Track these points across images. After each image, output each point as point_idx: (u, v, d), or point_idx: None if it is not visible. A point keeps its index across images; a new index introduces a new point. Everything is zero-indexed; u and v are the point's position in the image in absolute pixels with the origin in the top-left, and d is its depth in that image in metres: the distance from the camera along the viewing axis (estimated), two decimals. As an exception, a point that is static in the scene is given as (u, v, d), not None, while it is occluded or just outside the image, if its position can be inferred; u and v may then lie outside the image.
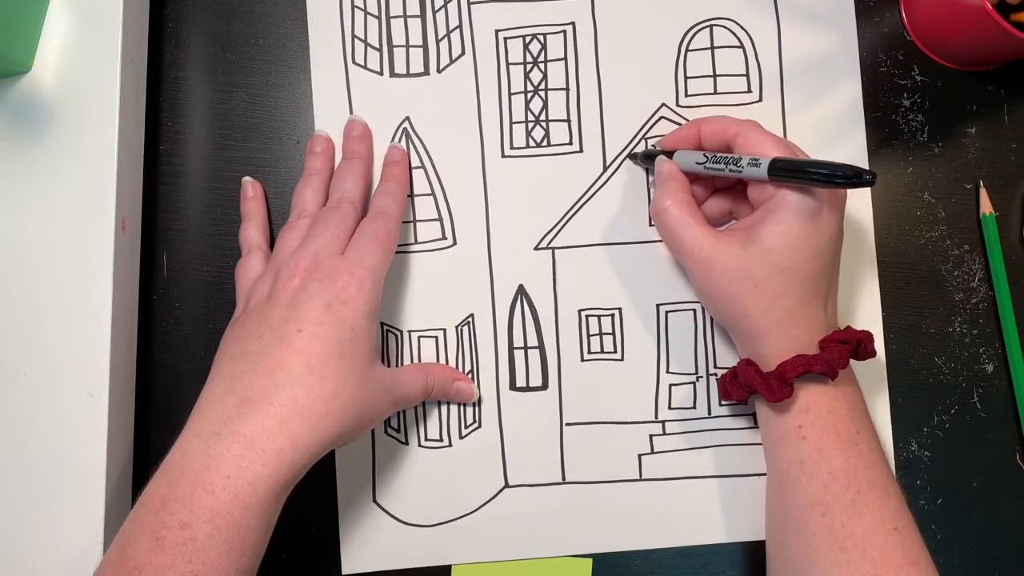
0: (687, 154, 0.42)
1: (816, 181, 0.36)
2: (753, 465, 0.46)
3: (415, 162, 0.47)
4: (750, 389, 0.40)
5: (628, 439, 0.46)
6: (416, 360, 0.46)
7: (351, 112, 0.47)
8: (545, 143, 0.47)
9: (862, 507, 0.37)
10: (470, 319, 0.47)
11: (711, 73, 0.47)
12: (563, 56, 0.47)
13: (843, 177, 0.35)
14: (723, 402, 0.46)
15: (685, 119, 0.47)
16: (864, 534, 0.37)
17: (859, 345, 0.39)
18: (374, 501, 0.46)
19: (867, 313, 0.47)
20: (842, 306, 0.46)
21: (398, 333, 0.46)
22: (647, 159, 0.45)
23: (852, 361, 0.40)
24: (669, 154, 0.43)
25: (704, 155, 0.41)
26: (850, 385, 0.40)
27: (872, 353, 0.40)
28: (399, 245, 0.46)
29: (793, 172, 0.37)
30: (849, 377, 0.41)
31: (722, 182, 0.44)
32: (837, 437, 0.38)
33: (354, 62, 0.47)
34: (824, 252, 0.39)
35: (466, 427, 0.46)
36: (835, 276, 0.41)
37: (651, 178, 0.47)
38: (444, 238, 0.47)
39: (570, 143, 0.47)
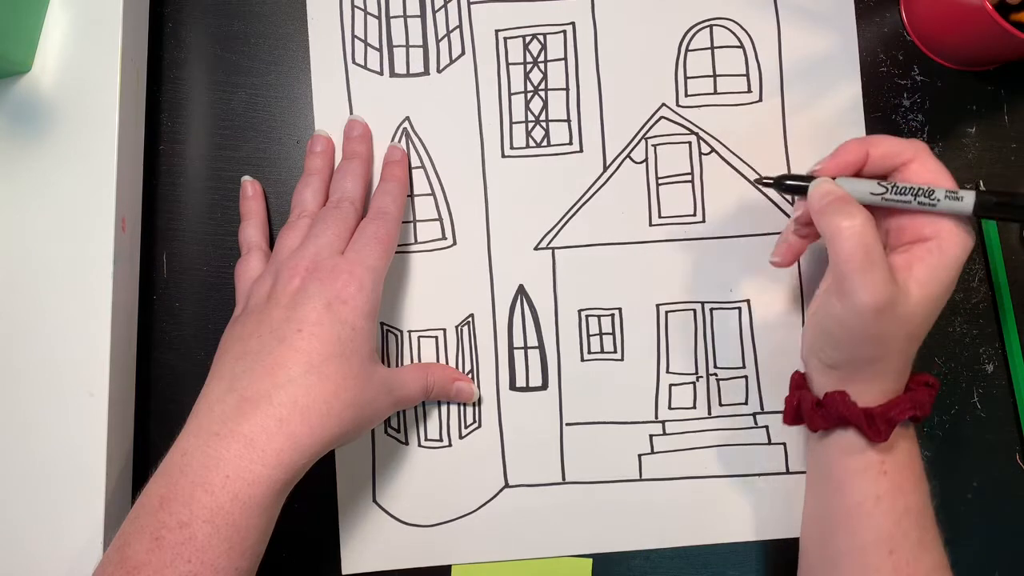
0: (856, 181, 0.37)
1: None
2: (753, 465, 0.46)
3: (415, 162, 0.47)
4: (842, 423, 0.38)
5: (628, 439, 0.46)
6: (416, 360, 0.46)
7: (351, 112, 0.47)
8: (545, 143, 0.47)
9: (927, 545, 0.37)
10: (470, 319, 0.47)
11: (711, 73, 0.47)
12: (563, 56, 0.47)
13: None
14: (785, 425, 0.42)
15: (685, 119, 0.47)
16: (926, 572, 0.37)
17: (938, 388, 0.39)
18: (374, 501, 0.46)
19: (867, 313, 0.47)
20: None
21: (398, 333, 0.47)
22: (790, 186, 0.39)
23: None
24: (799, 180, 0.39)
25: (881, 185, 0.37)
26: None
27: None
28: (399, 245, 0.46)
29: (1015, 210, 0.34)
30: None
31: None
32: (913, 475, 0.38)
33: (354, 62, 0.47)
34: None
35: (466, 427, 0.46)
36: None
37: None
38: (444, 238, 0.47)
39: (570, 143, 0.47)
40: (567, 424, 0.46)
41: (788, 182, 0.39)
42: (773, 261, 0.42)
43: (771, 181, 0.40)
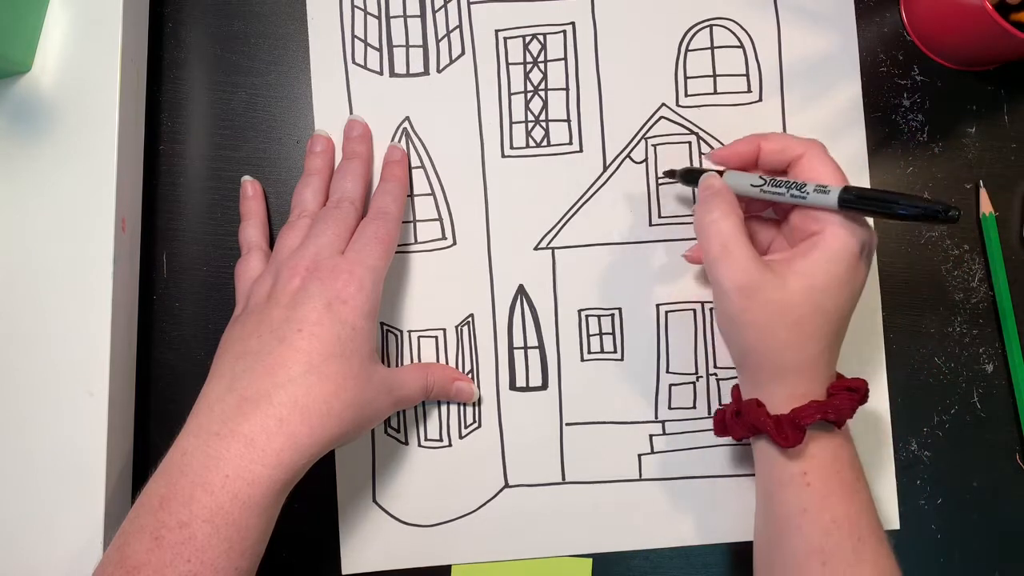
0: (740, 175, 0.40)
1: (894, 215, 0.34)
2: (753, 465, 0.46)
3: (415, 162, 0.47)
4: (756, 430, 0.39)
5: (628, 439, 0.46)
6: (416, 360, 0.46)
7: (351, 112, 0.47)
8: (545, 143, 0.47)
9: (863, 555, 0.37)
10: (470, 319, 0.47)
11: (711, 73, 0.47)
12: (563, 56, 0.47)
13: (926, 212, 0.32)
14: (718, 438, 0.43)
15: (685, 119, 0.47)
16: None
17: (865, 394, 0.38)
18: (374, 501, 0.46)
19: (867, 313, 0.47)
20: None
21: (398, 333, 0.47)
22: (686, 177, 0.43)
23: None
24: (717, 171, 0.42)
25: (761, 178, 0.39)
26: (847, 432, 0.40)
27: (866, 400, 0.39)
28: (399, 245, 0.46)
29: (870, 203, 0.35)
30: (846, 425, 0.40)
31: (754, 208, 0.43)
32: (841, 485, 0.38)
33: (354, 62, 0.47)
34: (857, 295, 0.38)
35: (466, 427, 0.46)
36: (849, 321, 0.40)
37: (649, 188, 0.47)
38: (444, 238, 0.47)
39: (570, 143, 0.47)
40: (567, 424, 0.46)
41: (689, 175, 0.43)
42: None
43: (673, 171, 0.44)
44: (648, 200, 0.47)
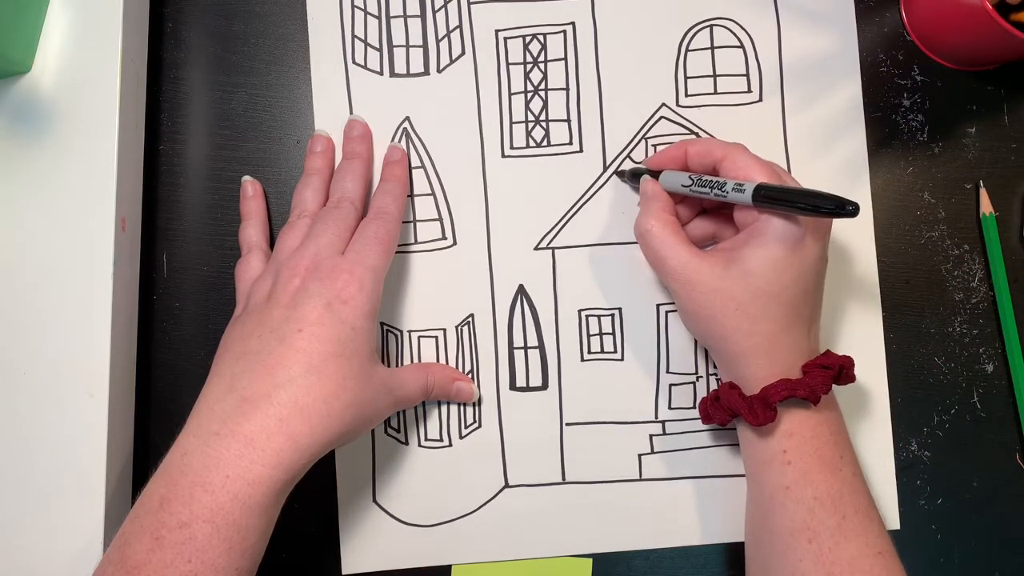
0: (673, 175, 0.42)
1: (798, 209, 0.36)
2: (753, 465, 0.46)
3: (415, 162, 0.47)
4: (733, 412, 0.40)
5: (628, 439, 0.46)
6: (416, 360, 0.46)
7: (351, 112, 0.47)
8: (545, 143, 0.47)
9: (848, 532, 0.37)
10: (470, 319, 0.47)
11: (711, 73, 0.47)
12: (563, 56, 0.47)
13: (825, 208, 0.35)
14: (704, 425, 0.45)
15: (685, 119, 0.47)
16: (851, 559, 0.37)
17: (841, 370, 0.39)
18: (374, 501, 0.46)
19: (867, 313, 0.47)
20: (842, 307, 0.46)
21: (398, 333, 0.47)
22: (633, 177, 0.45)
23: (839, 383, 0.40)
24: (654, 174, 0.43)
25: (689, 177, 0.41)
26: (832, 410, 0.40)
27: (852, 378, 0.40)
28: (399, 245, 0.46)
29: (776, 200, 0.37)
30: (831, 403, 0.40)
31: (708, 204, 0.44)
32: (822, 462, 0.38)
33: (354, 62, 0.47)
34: (806, 278, 0.39)
35: (466, 427, 0.46)
36: (818, 301, 0.41)
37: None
38: (444, 238, 0.47)
39: (570, 143, 0.47)
40: (567, 424, 0.46)
41: (635, 175, 0.45)
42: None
43: (621, 172, 0.47)
44: (648, 200, 0.47)
